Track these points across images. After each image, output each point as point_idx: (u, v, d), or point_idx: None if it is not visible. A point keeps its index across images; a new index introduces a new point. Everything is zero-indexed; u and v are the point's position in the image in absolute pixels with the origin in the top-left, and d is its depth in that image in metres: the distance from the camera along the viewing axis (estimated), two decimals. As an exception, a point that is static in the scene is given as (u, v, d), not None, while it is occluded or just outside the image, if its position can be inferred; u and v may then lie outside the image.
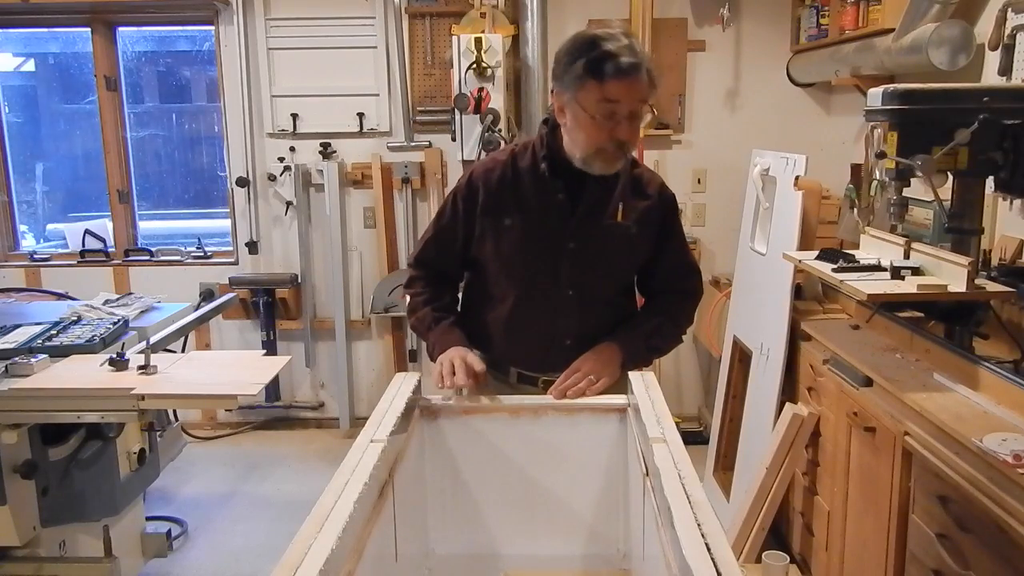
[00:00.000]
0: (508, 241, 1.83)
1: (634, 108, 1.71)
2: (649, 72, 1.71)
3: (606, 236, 1.83)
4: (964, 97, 2.03)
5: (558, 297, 1.84)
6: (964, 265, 2.03)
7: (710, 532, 1.03)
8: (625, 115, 1.70)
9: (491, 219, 1.85)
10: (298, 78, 4.19)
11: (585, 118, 1.71)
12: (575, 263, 1.83)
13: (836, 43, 3.41)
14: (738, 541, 2.68)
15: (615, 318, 1.91)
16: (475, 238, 1.87)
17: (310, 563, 0.98)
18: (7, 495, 2.23)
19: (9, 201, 4.47)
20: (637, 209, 1.86)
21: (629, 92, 1.68)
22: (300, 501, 2.71)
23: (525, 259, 1.84)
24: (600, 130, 1.71)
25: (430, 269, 1.97)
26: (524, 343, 1.88)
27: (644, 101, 1.73)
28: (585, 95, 1.69)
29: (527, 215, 1.82)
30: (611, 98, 1.68)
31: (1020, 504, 1.49)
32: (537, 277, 1.84)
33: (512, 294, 1.87)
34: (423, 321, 1.93)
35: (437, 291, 1.96)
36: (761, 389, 3.02)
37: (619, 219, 1.83)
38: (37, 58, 4.88)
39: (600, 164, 1.76)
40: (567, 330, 1.86)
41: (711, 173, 4.18)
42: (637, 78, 1.68)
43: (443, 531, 1.74)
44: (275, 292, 4.27)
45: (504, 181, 1.85)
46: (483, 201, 1.85)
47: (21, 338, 2.39)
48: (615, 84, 1.67)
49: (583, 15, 4.06)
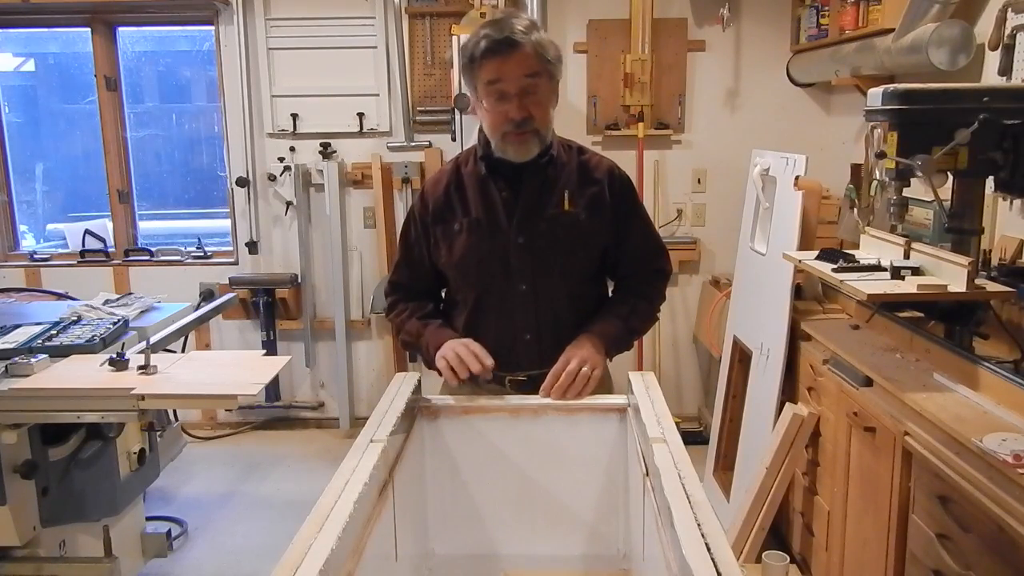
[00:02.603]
0: (459, 245, 1.84)
1: (522, 84, 1.69)
2: (536, 44, 1.68)
3: (553, 227, 1.81)
4: (964, 97, 2.03)
5: (513, 293, 1.83)
6: (964, 265, 2.02)
7: (710, 532, 1.03)
8: (515, 92, 1.69)
9: (441, 227, 1.86)
10: (298, 78, 4.19)
11: (481, 106, 1.73)
12: (525, 258, 1.81)
13: (836, 43, 3.41)
14: (738, 541, 2.68)
15: (577, 308, 1.87)
16: (431, 248, 1.89)
17: (310, 563, 0.98)
18: (7, 495, 2.22)
19: (9, 201, 4.47)
20: (585, 195, 1.84)
21: (506, 68, 1.68)
22: (300, 501, 2.71)
23: (476, 260, 1.84)
24: (496, 114, 1.72)
25: (407, 291, 1.97)
26: (485, 344, 1.81)
27: (533, 74, 1.70)
28: (475, 83, 1.72)
29: (472, 217, 1.83)
30: (491, 79, 1.69)
31: (1020, 504, 1.49)
32: (490, 276, 1.84)
33: (471, 296, 1.87)
34: (412, 332, 1.91)
35: (418, 304, 1.96)
36: (761, 389, 3.02)
37: (566, 208, 1.81)
38: (37, 58, 4.88)
39: (512, 149, 1.76)
40: (526, 326, 1.84)
41: (711, 173, 4.18)
42: (511, 53, 1.67)
43: (443, 531, 1.74)
44: (275, 292, 4.27)
45: (449, 189, 1.86)
46: (432, 211, 1.87)
47: (21, 338, 2.39)
48: (490, 63, 1.68)
49: (583, 15, 4.07)
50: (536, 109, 1.73)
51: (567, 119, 3.97)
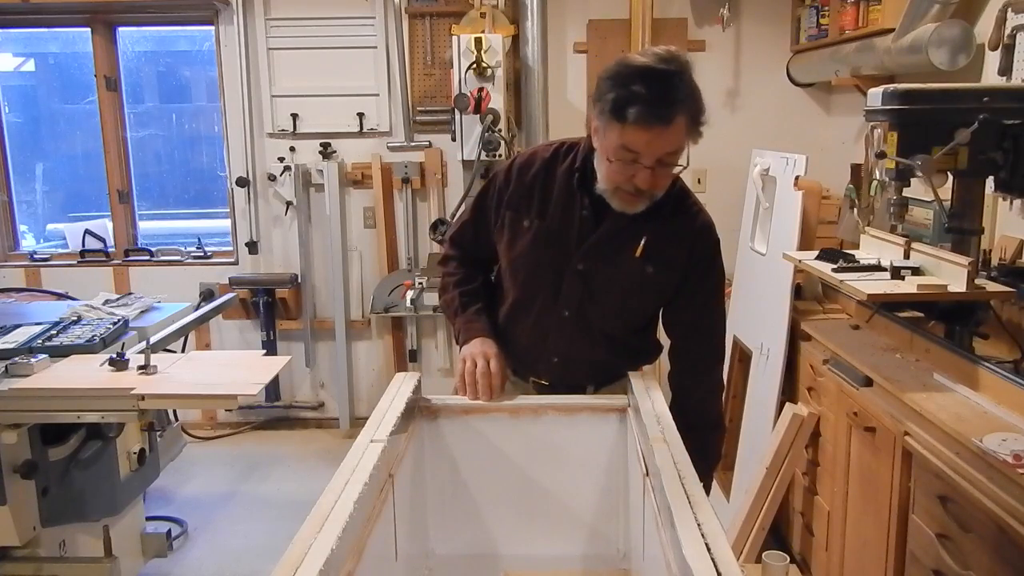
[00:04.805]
0: (520, 244, 1.74)
1: (661, 158, 1.52)
2: (691, 116, 1.49)
3: (617, 268, 1.68)
4: (964, 97, 2.03)
5: (554, 316, 1.74)
6: (964, 265, 2.03)
7: (710, 532, 1.03)
8: (650, 165, 1.51)
9: (512, 215, 1.75)
10: (298, 78, 4.19)
11: (602, 142, 1.55)
12: (577, 286, 1.71)
13: (836, 43, 3.41)
14: (738, 541, 2.68)
15: (614, 351, 1.78)
16: (495, 226, 1.79)
17: (310, 563, 0.98)
18: (7, 495, 2.22)
19: (9, 201, 4.47)
20: (663, 250, 1.68)
21: (653, 143, 1.48)
22: (300, 501, 2.71)
23: (531, 267, 1.74)
24: (618, 173, 1.55)
25: (464, 251, 1.90)
26: (514, 346, 1.80)
27: (676, 152, 1.52)
28: (607, 133, 1.52)
29: (545, 222, 1.71)
30: (630, 147, 1.49)
31: (1020, 504, 1.49)
32: (538, 289, 1.75)
33: (512, 295, 1.80)
34: (451, 304, 1.86)
35: (469, 273, 1.87)
36: (761, 389, 3.02)
37: (638, 255, 1.66)
38: (37, 58, 4.87)
39: (618, 202, 1.61)
40: (556, 350, 1.77)
41: (711, 173, 4.18)
42: (666, 129, 1.47)
43: (443, 531, 1.74)
44: (275, 292, 4.27)
45: (536, 179, 1.73)
46: (511, 194, 1.75)
47: (21, 338, 2.39)
48: (637, 132, 1.47)
49: (583, 15, 4.07)
50: (665, 180, 1.58)
51: (567, 119, 3.97)
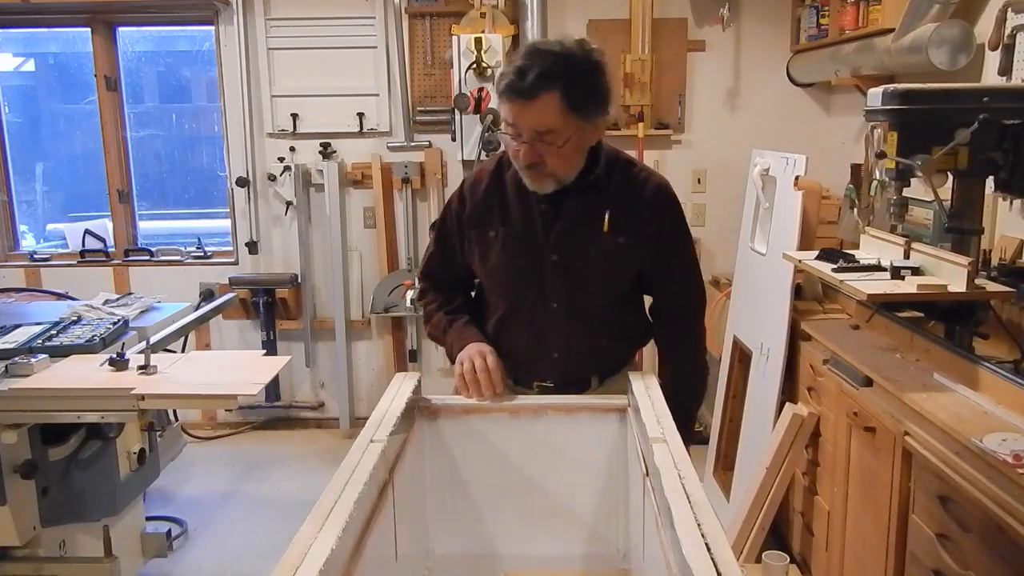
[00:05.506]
0: (493, 254, 1.78)
1: (533, 135, 1.58)
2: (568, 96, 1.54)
3: (590, 248, 1.73)
4: (964, 97, 2.03)
5: (544, 311, 1.77)
6: (964, 265, 2.02)
7: (710, 532, 1.03)
8: (526, 139, 1.58)
9: (477, 231, 1.80)
10: (298, 78, 4.19)
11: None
12: (558, 276, 1.75)
13: (836, 43, 3.41)
14: (738, 541, 2.68)
15: (610, 333, 1.82)
16: (465, 249, 1.84)
17: (310, 563, 0.98)
18: (7, 495, 2.22)
19: (9, 201, 4.47)
20: (628, 218, 1.73)
21: (520, 117, 1.57)
22: (300, 501, 2.71)
23: (509, 272, 1.78)
24: (510, 149, 1.63)
25: (437, 281, 1.94)
26: (513, 353, 1.81)
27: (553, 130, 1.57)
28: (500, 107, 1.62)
29: (509, 227, 1.76)
30: (507, 120, 1.58)
31: (1020, 504, 1.49)
32: (522, 290, 1.78)
33: (501, 305, 1.83)
34: (438, 326, 1.89)
35: (448, 296, 1.92)
36: (761, 389, 3.02)
37: (606, 229, 1.71)
38: (37, 58, 4.87)
39: (528, 183, 1.68)
40: (555, 345, 1.79)
41: (711, 173, 4.18)
42: (529, 103, 1.54)
43: (443, 531, 1.74)
44: (275, 292, 4.27)
45: (489, 192, 1.79)
46: (469, 212, 1.81)
47: (21, 338, 2.39)
48: (503, 105, 1.58)
49: (583, 15, 4.07)
50: (552, 158, 1.62)
51: (567, 119, 3.97)
